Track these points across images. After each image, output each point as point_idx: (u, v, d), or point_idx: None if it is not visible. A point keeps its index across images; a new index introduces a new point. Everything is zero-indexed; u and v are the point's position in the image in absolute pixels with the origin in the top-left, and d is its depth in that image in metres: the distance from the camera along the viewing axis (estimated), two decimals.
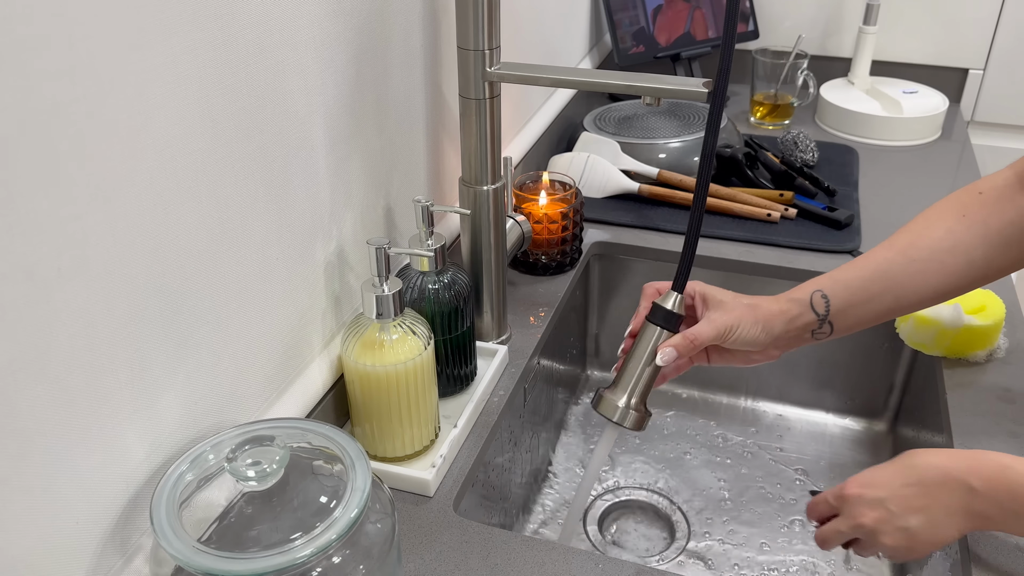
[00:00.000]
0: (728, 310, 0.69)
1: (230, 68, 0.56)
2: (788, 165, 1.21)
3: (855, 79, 1.48)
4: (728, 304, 0.70)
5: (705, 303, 0.71)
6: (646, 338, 0.69)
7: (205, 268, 0.57)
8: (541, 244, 1.00)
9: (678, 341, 0.68)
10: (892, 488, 0.61)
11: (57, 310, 0.46)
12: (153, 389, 0.54)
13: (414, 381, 0.70)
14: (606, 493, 0.99)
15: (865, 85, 1.48)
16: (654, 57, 1.46)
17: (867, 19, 1.44)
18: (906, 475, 0.61)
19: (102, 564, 0.52)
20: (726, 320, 0.69)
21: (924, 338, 0.88)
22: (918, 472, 0.61)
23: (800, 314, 0.70)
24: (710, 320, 0.69)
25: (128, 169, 0.49)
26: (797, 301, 0.71)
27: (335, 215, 0.72)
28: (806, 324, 0.71)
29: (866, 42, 1.45)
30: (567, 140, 1.30)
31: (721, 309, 0.70)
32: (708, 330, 0.69)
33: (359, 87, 0.72)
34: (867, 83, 1.48)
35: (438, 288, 0.76)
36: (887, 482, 0.62)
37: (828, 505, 0.67)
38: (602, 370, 1.18)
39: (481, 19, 0.72)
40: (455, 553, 0.66)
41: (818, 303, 0.70)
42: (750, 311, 0.70)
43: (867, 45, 1.45)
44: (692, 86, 0.69)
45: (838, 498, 0.66)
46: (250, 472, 0.51)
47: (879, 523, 0.62)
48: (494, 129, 0.78)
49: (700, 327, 0.69)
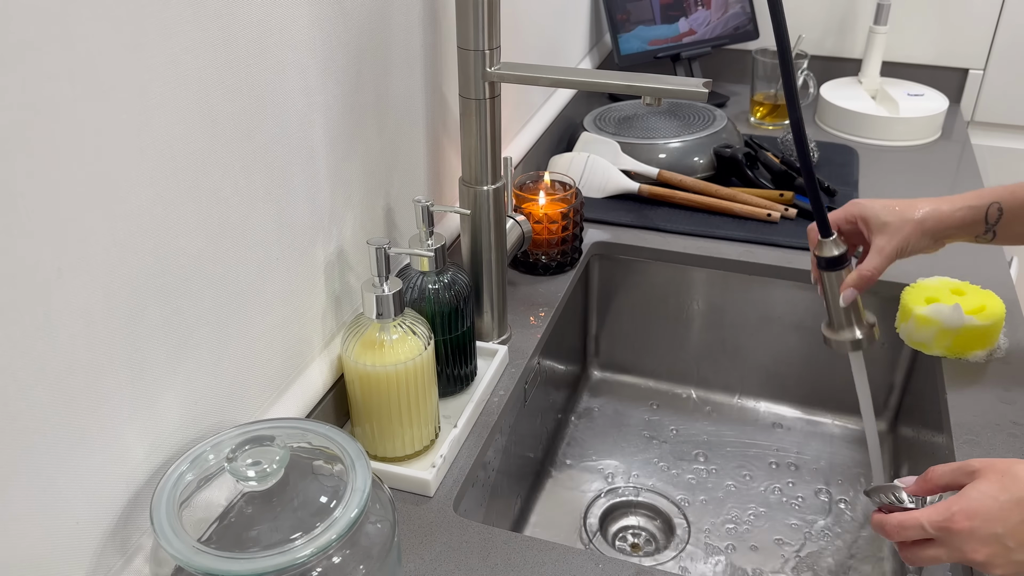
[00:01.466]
0: (894, 232, 0.74)
1: (230, 68, 0.56)
2: (788, 165, 1.21)
3: (864, 79, 1.48)
4: (893, 225, 0.74)
5: (868, 226, 0.75)
6: (828, 282, 0.74)
7: (205, 268, 0.57)
8: (541, 244, 1.00)
9: (854, 280, 0.73)
10: (1009, 524, 0.55)
11: (57, 310, 0.46)
12: (153, 389, 0.54)
13: (414, 381, 0.70)
14: (606, 493, 0.99)
15: (874, 85, 1.47)
16: (654, 57, 1.46)
17: (878, 19, 1.43)
18: (1020, 506, 0.55)
19: (102, 564, 0.52)
20: (894, 245, 0.74)
21: (924, 338, 0.88)
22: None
23: (974, 223, 0.74)
24: (879, 249, 0.74)
25: (128, 169, 0.49)
26: (975, 209, 0.74)
27: (335, 215, 0.72)
28: (973, 231, 0.75)
29: (876, 42, 1.45)
30: (567, 140, 1.30)
31: (887, 233, 0.74)
32: (879, 262, 0.74)
33: (359, 87, 0.72)
34: (876, 83, 1.47)
35: (438, 288, 0.76)
36: (1002, 516, 0.55)
37: (922, 530, 0.58)
38: (602, 370, 1.18)
39: (481, 19, 0.72)
40: (455, 553, 0.66)
41: (992, 215, 0.74)
42: (918, 227, 0.74)
43: (877, 45, 1.45)
44: (692, 86, 0.69)
45: (941, 529, 0.57)
46: (250, 472, 0.51)
47: (993, 558, 0.56)
48: (494, 129, 0.78)
49: (870, 260, 0.74)
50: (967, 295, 0.89)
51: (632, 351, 1.16)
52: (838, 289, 0.74)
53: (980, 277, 0.94)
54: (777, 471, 1.01)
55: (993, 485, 0.55)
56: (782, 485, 0.99)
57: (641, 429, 1.09)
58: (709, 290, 1.08)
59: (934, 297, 0.89)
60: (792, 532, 0.93)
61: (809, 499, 0.97)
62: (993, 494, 0.55)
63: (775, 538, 0.93)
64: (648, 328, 1.13)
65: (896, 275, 0.99)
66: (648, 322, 1.13)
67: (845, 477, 1.00)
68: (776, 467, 1.02)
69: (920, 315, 0.87)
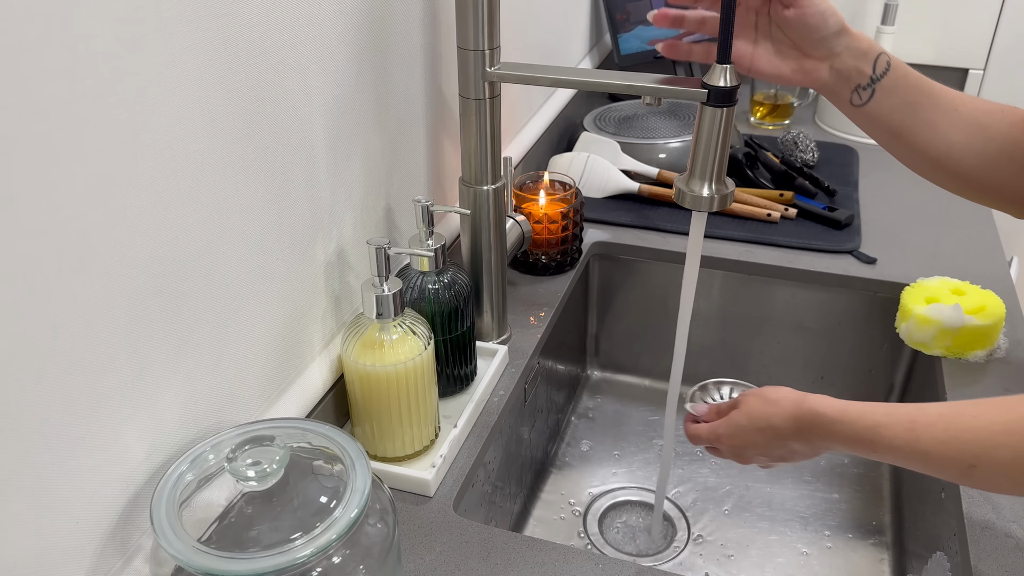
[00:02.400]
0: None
1: (230, 68, 0.56)
2: (788, 165, 1.21)
3: None
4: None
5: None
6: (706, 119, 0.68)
7: (205, 268, 0.57)
8: (541, 244, 1.00)
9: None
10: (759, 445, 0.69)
11: (57, 310, 0.46)
12: (153, 389, 0.54)
13: (414, 381, 0.70)
14: (606, 493, 0.99)
15: None
16: (654, 57, 1.46)
17: (885, 19, 1.43)
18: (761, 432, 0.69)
19: (102, 564, 0.52)
20: None
21: (924, 338, 0.88)
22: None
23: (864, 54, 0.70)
24: None
25: (128, 169, 0.49)
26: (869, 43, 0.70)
27: (335, 215, 0.72)
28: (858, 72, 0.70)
29: (884, 42, 1.44)
30: (567, 140, 1.30)
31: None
32: None
33: (359, 87, 0.72)
34: None
35: (438, 288, 0.76)
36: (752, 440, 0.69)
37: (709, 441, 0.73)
38: (602, 370, 1.18)
39: (481, 19, 0.72)
40: (455, 553, 0.66)
41: (881, 65, 0.70)
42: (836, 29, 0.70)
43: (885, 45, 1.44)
44: (692, 86, 0.69)
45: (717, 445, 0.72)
46: (250, 472, 0.51)
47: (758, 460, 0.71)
48: (494, 129, 0.78)
49: None
50: (967, 295, 0.89)
51: (632, 351, 1.16)
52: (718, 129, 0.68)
53: (980, 277, 0.94)
54: (777, 471, 1.01)
55: (743, 415, 0.69)
56: (782, 485, 0.99)
57: (641, 429, 1.09)
58: (709, 290, 1.08)
59: (934, 297, 0.89)
60: (792, 532, 0.93)
61: (809, 498, 0.97)
62: (743, 424, 0.69)
63: (775, 538, 0.93)
64: (648, 328, 1.13)
65: (896, 275, 0.99)
66: (648, 322, 1.13)
67: (845, 477, 1.00)
68: (777, 467, 1.02)
69: (920, 315, 0.87)
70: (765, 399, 0.68)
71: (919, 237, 1.07)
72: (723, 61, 0.66)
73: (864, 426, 0.61)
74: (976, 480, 0.57)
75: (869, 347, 1.04)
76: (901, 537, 0.91)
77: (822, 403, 0.64)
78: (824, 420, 0.63)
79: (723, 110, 0.67)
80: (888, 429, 0.59)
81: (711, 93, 0.67)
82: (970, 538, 0.68)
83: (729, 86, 0.66)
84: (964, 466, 0.56)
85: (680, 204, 0.72)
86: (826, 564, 0.90)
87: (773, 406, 0.67)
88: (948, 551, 0.73)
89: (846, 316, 1.03)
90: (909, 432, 0.59)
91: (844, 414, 0.62)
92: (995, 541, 0.67)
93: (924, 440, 0.58)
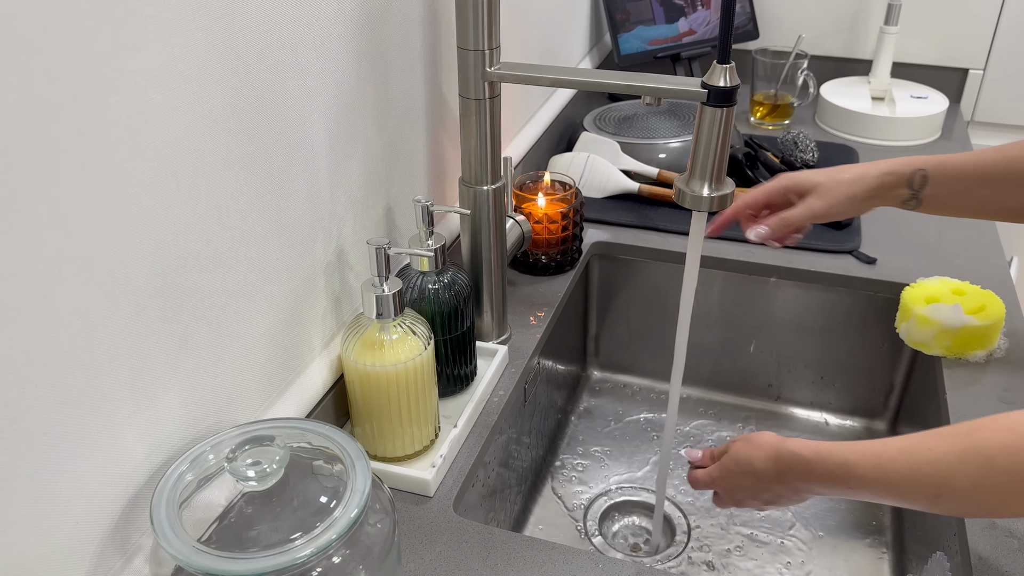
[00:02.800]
0: (824, 193, 0.79)
1: (230, 68, 0.56)
2: (788, 165, 1.21)
3: (874, 79, 1.47)
4: (824, 186, 0.79)
5: (799, 191, 0.79)
6: (706, 120, 0.68)
7: (205, 268, 0.57)
8: (541, 244, 1.00)
9: (775, 222, 0.77)
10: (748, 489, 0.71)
11: (57, 310, 0.46)
12: (153, 389, 0.54)
13: (414, 381, 0.70)
14: (606, 493, 0.99)
15: (883, 86, 1.46)
16: (654, 57, 1.46)
17: (888, 19, 1.43)
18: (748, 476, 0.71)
19: (102, 564, 0.52)
20: (823, 203, 0.78)
21: (924, 338, 0.88)
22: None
23: (897, 186, 0.78)
24: (807, 205, 0.78)
25: (128, 169, 0.49)
26: (898, 175, 0.78)
27: (335, 215, 0.72)
28: (898, 196, 0.79)
29: (887, 42, 1.44)
30: (567, 140, 1.30)
31: (817, 193, 0.79)
32: (804, 212, 0.78)
33: (359, 87, 0.72)
34: (885, 84, 1.46)
35: (438, 288, 0.76)
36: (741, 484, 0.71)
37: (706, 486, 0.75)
38: (602, 370, 1.18)
39: (481, 19, 0.72)
40: (455, 553, 0.66)
41: (917, 181, 0.77)
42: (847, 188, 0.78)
43: (888, 45, 1.44)
44: (692, 86, 0.69)
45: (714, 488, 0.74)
46: (250, 472, 0.51)
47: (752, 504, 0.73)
48: (494, 129, 0.78)
49: (796, 210, 0.78)
50: (967, 295, 0.89)
51: (632, 351, 1.16)
52: (718, 130, 0.68)
53: (980, 277, 0.94)
54: None
55: (731, 459, 0.71)
56: None
57: (641, 429, 1.09)
58: (709, 290, 1.08)
59: (934, 297, 0.89)
60: (792, 532, 0.93)
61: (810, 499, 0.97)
62: (731, 468, 0.71)
63: (775, 538, 0.93)
64: (648, 328, 1.13)
65: (896, 275, 0.99)
66: (648, 322, 1.13)
67: None
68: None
69: (920, 315, 0.87)
70: (750, 443, 0.70)
71: (919, 237, 1.07)
72: (723, 61, 0.66)
73: (835, 463, 0.62)
74: (944, 508, 0.58)
75: (869, 347, 1.04)
76: (901, 537, 0.91)
77: (798, 445, 0.66)
78: (801, 460, 0.65)
79: (723, 110, 0.67)
80: (857, 466, 0.61)
81: (711, 93, 0.67)
82: (970, 538, 0.68)
83: (729, 86, 0.66)
84: (931, 496, 0.58)
85: (680, 204, 0.72)
86: (826, 564, 0.90)
87: (756, 449, 0.69)
88: (948, 551, 0.73)
89: (846, 316, 1.03)
90: (876, 468, 0.60)
91: (817, 453, 0.64)
92: (995, 541, 0.67)
93: (890, 474, 0.59)
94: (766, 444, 0.68)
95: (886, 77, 1.46)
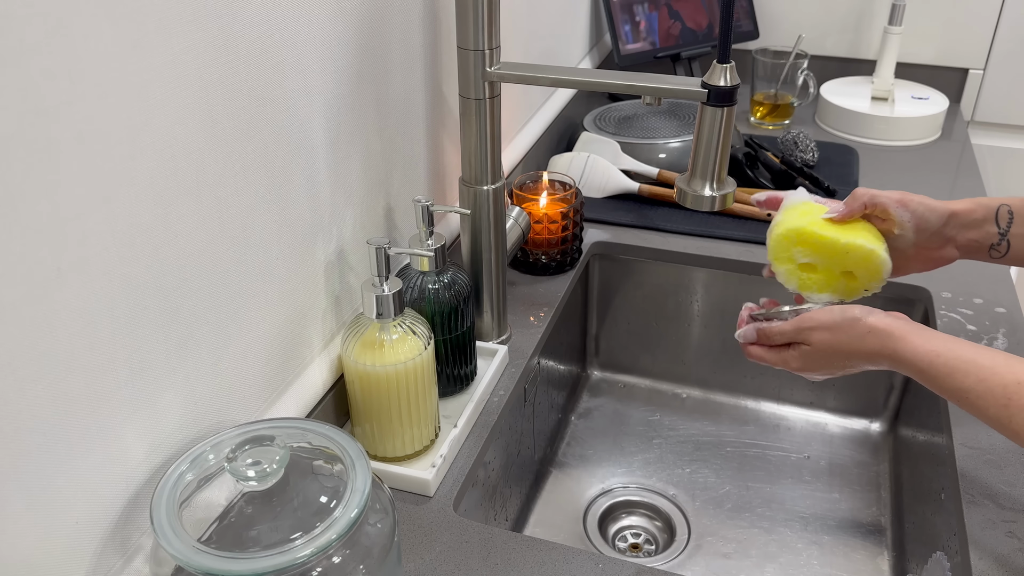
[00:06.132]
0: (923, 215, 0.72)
1: (230, 68, 0.56)
2: (788, 165, 1.21)
3: (877, 79, 1.47)
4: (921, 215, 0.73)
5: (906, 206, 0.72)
6: (706, 119, 0.68)
7: (205, 268, 0.57)
8: (541, 244, 1.00)
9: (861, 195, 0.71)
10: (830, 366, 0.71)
11: (57, 310, 0.46)
12: (153, 389, 0.54)
13: (414, 381, 0.70)
14: (606, 493, 0.99)
15: (887, 86, 1.46)
16: (654, 57, 1.46)
17: (892, 19, 1.42)
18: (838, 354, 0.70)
19: (102, 564, 0.52)
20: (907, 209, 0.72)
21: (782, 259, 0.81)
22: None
23: (983, 220, 0.71)
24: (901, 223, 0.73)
25: (128, 169, 0.49)
26: (983, 205, 0.72)
27: (335, 215, 0.72)
28: (986, 235, 0.72)
29: (891, 43, 1.44)
30: (567, 140, 1.30)
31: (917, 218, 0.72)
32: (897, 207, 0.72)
33: (359, 87, 0.72)
34: (889, 84, 1.46)
35: (438, 288, 0.76)
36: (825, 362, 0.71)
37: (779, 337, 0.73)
38: (602, 370, 1.18)
39: (481, 19, 0.72)
40: (455, 553, 0.66)
41: (1003, 216, 0.71)
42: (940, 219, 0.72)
43: (892, 46, 1.43)
44: (692, 86, 0.69)
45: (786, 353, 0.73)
46: (250, 472, 0.51)
47: (810, 374, 0.73)
48: (494, 129, 0.78)
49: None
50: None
51: (632, 351, 1.16)
52: (718, 129, 0.68)
53: (980, 277, 0.94)
54: (778, 472, 1.01)
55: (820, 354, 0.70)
56: (782, 485, 0.99)
57: (641, 429, 1.09)
58: (709, 290, 1.08)
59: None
60: (792, 532, 0.93)
61: (809, 498, 0.97)
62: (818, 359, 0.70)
63: (775, 538, 0.93)
64: (648, 328, 1.13)
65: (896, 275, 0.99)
66: (648, 322, 1.13)
67: (845, 477, 1.00)
68: (777, 468, 1.02)
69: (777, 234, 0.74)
70: (836, 333, 0.68)
71: None
72: (723, 61, 0.66)
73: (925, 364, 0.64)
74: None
75: None
76: (901, 537, 0.91)
77: (906, 347, 0.65)
78: (904, 361, 0.65)
79: (723, 110, 0.67)
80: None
81: (711, 93, 0.67)
82: (970, 538, 0.68)
83: (729, 86, 0.66)
84: (1000, 403, 0.59)
85: (681, 204, 0.72)
86: (826, 564, 0.90)
87: (856, 341, 0.68)
88: (948, 551, 0.73)
89: None
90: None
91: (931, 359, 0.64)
92: (995, 541, 0.67)
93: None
94: (870, 347, 0.66)
95: (890, 77, 1.46)
